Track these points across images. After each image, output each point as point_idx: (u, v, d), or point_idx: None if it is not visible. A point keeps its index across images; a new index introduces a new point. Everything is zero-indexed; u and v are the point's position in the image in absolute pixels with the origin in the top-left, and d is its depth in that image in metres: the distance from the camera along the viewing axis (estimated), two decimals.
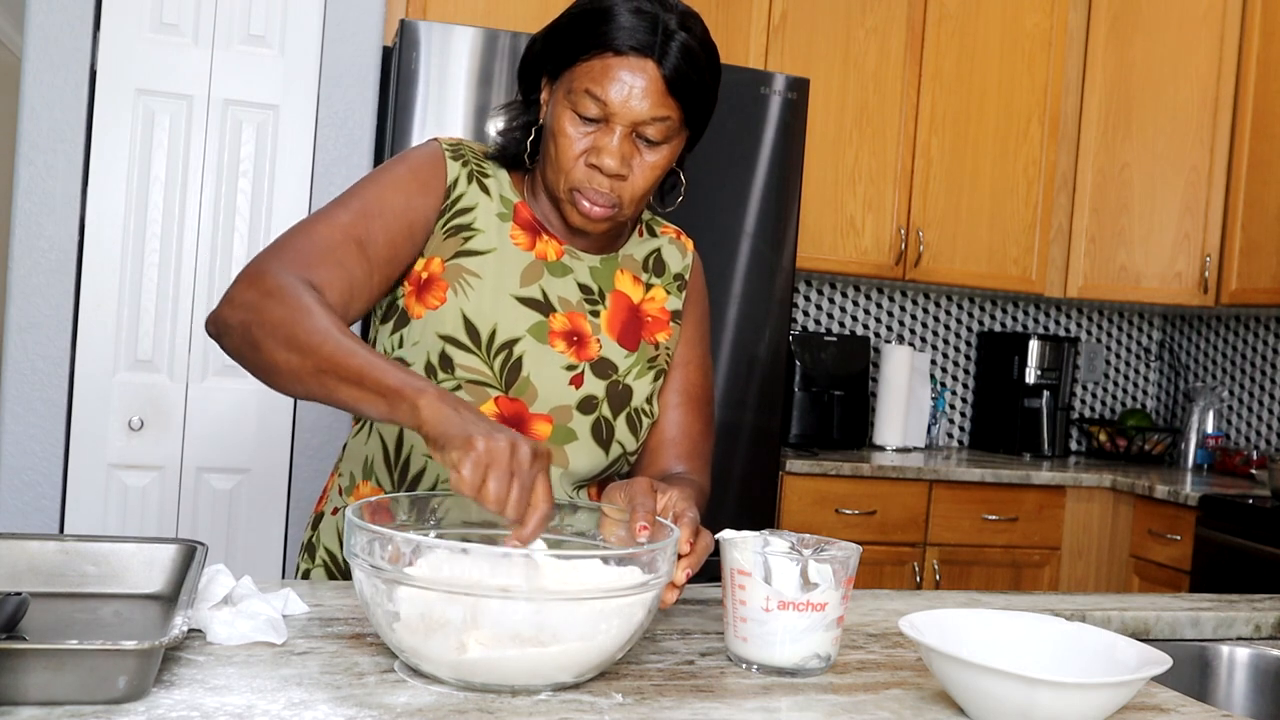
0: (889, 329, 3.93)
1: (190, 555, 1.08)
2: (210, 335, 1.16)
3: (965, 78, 3.54)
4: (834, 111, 3.40)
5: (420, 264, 1.28)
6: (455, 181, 1.29)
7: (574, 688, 0.91)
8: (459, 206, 1.29)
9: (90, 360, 2.60)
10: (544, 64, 1.27)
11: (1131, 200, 3.65)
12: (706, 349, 1.43)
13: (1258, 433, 3.78)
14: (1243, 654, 1.38)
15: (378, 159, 2.77)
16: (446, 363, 1.24)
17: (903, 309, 3.94)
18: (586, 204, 1.23)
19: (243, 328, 1.11)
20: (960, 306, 4.00)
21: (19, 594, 0.88)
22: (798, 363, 3.53)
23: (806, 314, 3.83)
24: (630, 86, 1.19)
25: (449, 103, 2.56)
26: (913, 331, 3.96)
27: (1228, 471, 3.68)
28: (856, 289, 3.88)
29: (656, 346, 1.36)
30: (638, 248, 1.39)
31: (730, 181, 2.79)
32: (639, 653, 1.03)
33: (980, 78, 3.56)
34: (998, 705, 0.87)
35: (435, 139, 1.33)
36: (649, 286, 1.37)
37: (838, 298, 3.86)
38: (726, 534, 1.04)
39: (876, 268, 3.47)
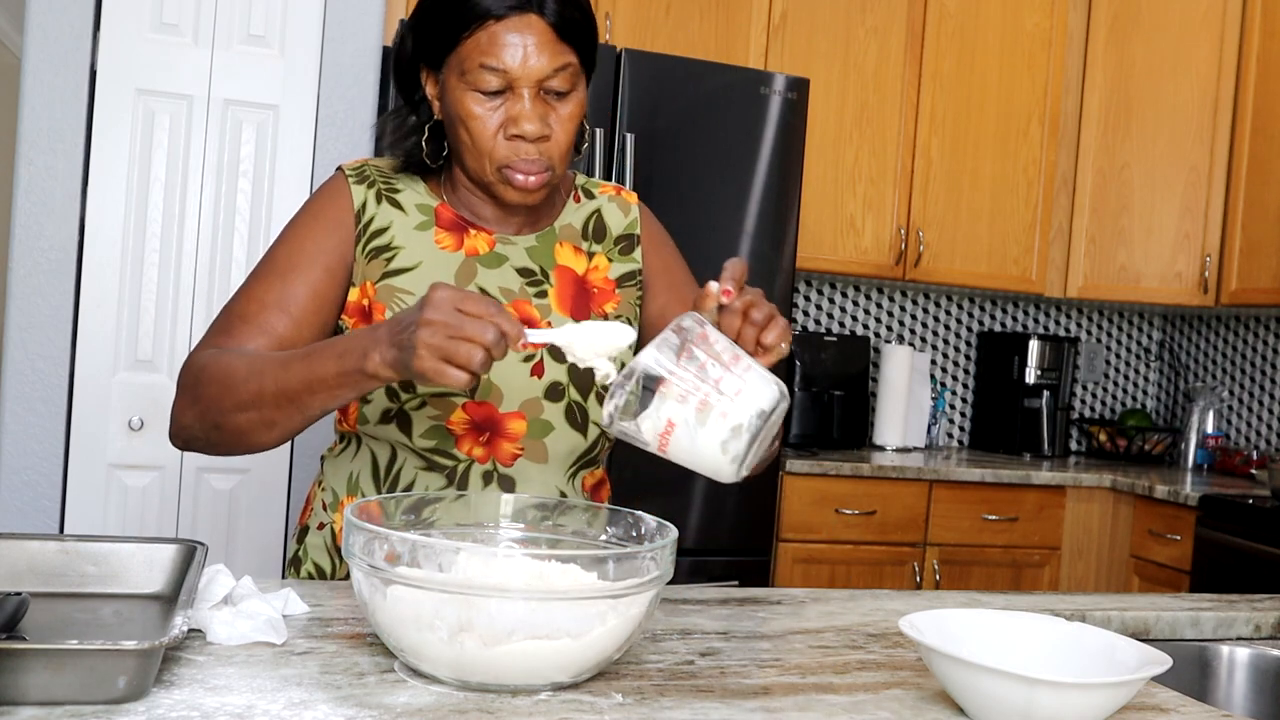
0: (889, 329, 3.93)
1: (190, 555, 1.08)
2: (179, 448, 1.20)
3: (965, 78, 3.54)
4: (834, 111, 3.40)
5: (355, 294, 1.26)
6: (363, 205, 1.27)
7: (574, 687, 0.91)
8: (372, 229, 1.27)
9: (90, 360, 2.60)
10: (420, 58, 1.25)
11: (1131, 200, 3.64)
12: (691, 280, 1.40)
13: (1258, 433, 3.78)
14: (1243, 654, 1.38)
15: None
16: (406, 383, 1.22)
17: (903, 309, 3.94)
18: (520, 177, 1.20)
19: (197, 422, 1.15)
20: (960, 306, 4.00)
21: (19, 594, 0.88)
22: (798, 363, 3.53)
23: (806, 314, 3.82)
24: (523, 46, 1.16)
25: None
26: (913, 331, 3.96)
27: (1228, 471, 3.68)
28: (856, 289, 3.88)
29: (606, 317, 1.32)
30: (575, 215, 1.35)
31: (730, 181, 2.79)
32: (639, 653, 1.03)
33: (980, 78, 3.56)
34: (998, 705, 0.87)
35: (340, 167, 1.32)
36: (591, 255, 1.34)
37: (838, 298, 3.86)
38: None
39: (876, 268, 3.47)
